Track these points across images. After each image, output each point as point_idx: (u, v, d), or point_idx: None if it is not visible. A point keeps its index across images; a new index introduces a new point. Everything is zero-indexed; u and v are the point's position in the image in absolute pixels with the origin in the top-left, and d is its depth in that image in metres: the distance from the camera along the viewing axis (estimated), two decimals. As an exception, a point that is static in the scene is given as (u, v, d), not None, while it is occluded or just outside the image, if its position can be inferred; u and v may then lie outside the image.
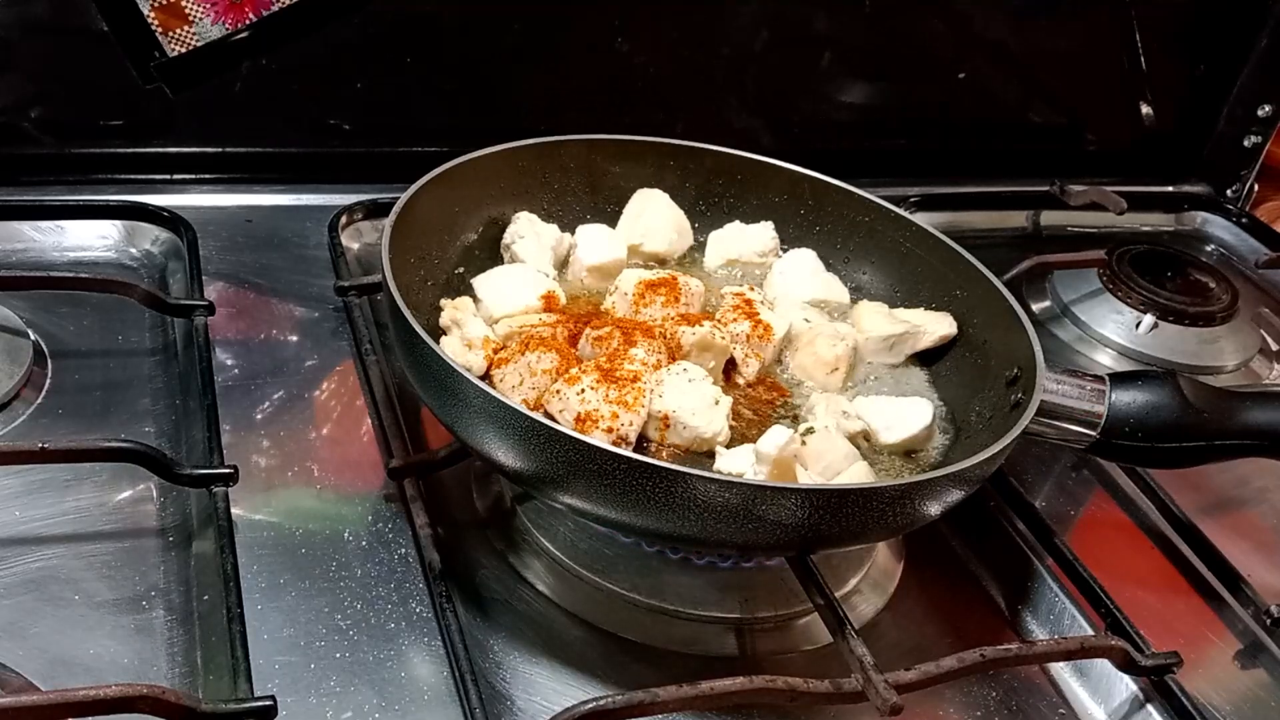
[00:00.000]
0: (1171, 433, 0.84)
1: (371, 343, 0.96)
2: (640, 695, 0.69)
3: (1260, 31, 1.39)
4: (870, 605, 0.87)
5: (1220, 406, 0.85)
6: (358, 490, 0.88)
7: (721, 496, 0.70)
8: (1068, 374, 0.85)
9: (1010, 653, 0.77)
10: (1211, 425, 0.84)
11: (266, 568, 0.80)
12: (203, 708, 0.66)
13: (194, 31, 1.06)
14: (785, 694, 0.71)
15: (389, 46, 1.15)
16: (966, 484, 0.77)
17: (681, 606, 0.82)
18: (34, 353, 0.93)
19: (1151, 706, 0.82)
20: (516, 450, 0.74)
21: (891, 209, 1.00)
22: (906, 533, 0.87)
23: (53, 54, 1.08)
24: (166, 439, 0.89)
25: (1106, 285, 1.22)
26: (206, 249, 1.05)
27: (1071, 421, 0.84)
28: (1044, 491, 1.00)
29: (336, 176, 1.17)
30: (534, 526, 0.85)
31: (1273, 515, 1.03)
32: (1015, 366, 0.87)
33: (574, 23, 1.20)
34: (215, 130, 1.15)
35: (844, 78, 1.31)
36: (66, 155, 1.12)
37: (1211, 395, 0.85)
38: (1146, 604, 0.88)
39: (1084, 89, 1.41)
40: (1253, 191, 1.48)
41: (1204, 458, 0.86)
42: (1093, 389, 0.84)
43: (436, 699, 0.74)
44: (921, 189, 1.29)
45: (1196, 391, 0.84)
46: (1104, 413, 0.83)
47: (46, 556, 0.79)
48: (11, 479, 0.83)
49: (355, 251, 1.11)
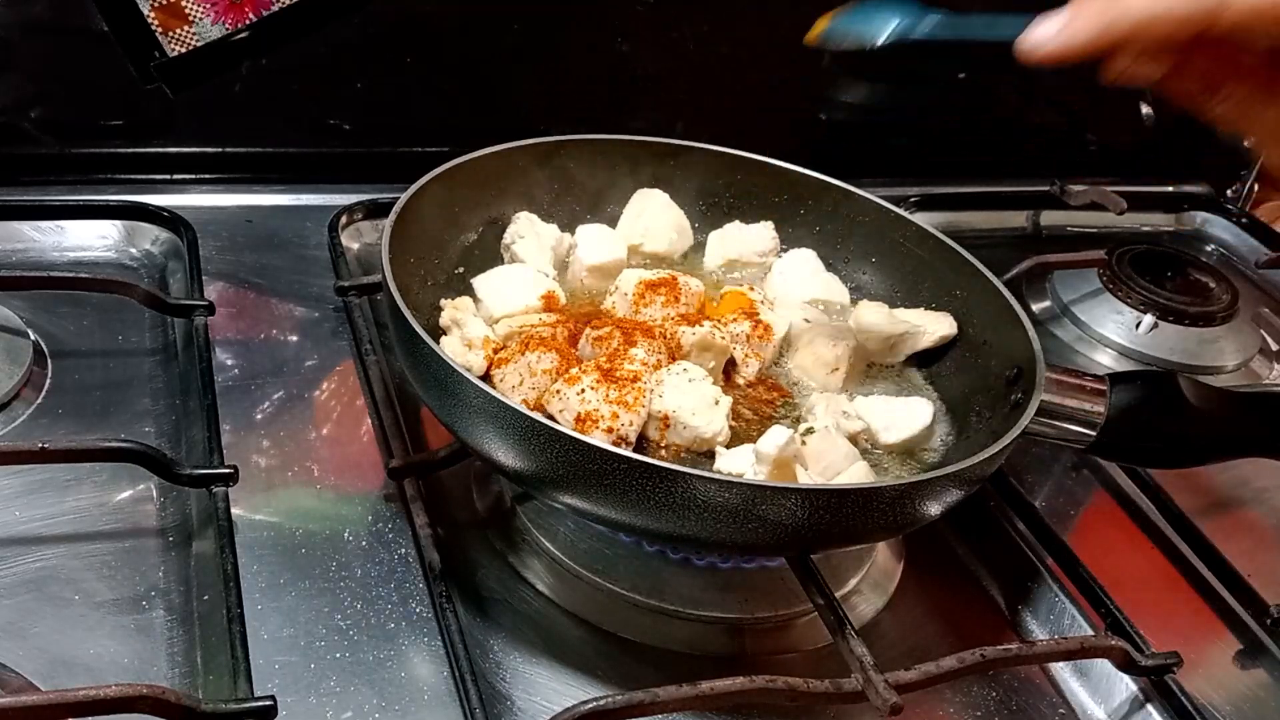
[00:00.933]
0: (1172, 433, 0.84)
1: (371, 343, 0.96)
2: (640, 695, 0.69)
3: (1260, 31, 1.39)
4: (870, 605, 0.87)
5: (1220, 407, 0.85)
6: (358, 490, 0.88)
7: (721, 496, 0.70)
8: (1068, 374, 0.84)
9: (1010, 653, 0.77)
10: (1212, 426, 0.84)
11: (266, 568, 0.80)
12: (203, 708, 0.66)
13: (194, 31, 1.06)
14: (785, 694, 0.71)
15: (389, 46, 1.15)
16: (966, 484, 0.77)
17: (681, 606, 0.82)
18: (34, 353, 0.93)
19: (1152, 706, 0.82)
20: (516, 450, 0.74)
21: (891, 209, 1.00)
22: (907, 533, 0.87)
23: (53, 54, 1.08)
24: (166, 439, 0.89)
25: (1106, 285, 1.22)
26: (206, 249, 1.05)
27: (1071, 421, 0.83)
28: (1044, 491, 1.00)
29: (336, 176, 1.17)
30: (534, 526, 0.85)
31: (1273, 515, 1.03)
32: (1015, 366, 0.87)
33: (574, 23, 1.20)
34: (215, 130, 1.15)
35: (844, 78, 1.31)
36: (66, 155, 1.12)
37: (1211, 395, 0.85)
38: (1146, 604, 0.88)
39: (1084, 89, 1.40)
40: (1253, 191, 1.48)
41: (1204, 458, 0.86)
42: (1093, 389, 0.84)
43: (436, 699, 0.74)
44: (921, 189, 1.29)
45: (1196, 392, 0.84)
46: (1104, 413, 0.83)
47: (46, 556, 0.79)
48: (11, 479, 0.83)
49: (355, 251, 1.11)
